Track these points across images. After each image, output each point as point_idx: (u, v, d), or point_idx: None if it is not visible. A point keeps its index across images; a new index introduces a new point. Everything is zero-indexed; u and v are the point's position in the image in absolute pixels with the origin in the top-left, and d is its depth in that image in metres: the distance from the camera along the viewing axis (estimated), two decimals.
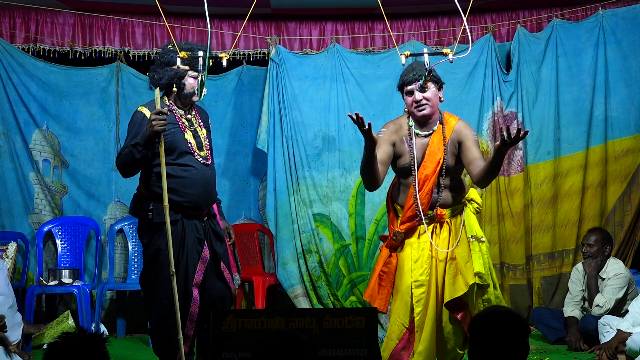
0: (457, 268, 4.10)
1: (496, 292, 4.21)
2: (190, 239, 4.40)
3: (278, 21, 6.62)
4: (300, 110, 6.45)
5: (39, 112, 6.40)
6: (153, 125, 4.20)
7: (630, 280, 5.70)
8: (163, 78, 4.40)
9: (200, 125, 4.53)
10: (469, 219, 4.19)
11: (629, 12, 6.43)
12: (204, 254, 4.43)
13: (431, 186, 4.12)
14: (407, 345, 4.14)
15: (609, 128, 6.45)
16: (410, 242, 4.19)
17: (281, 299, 6.58)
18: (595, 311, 5.59)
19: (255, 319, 3.85)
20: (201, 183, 4.41)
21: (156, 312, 4.42)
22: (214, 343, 3.81)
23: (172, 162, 4.37)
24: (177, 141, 4.38)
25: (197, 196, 4.40)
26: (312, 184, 6.45)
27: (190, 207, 4.41)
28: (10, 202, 6.37)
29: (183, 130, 4.42)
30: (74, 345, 2.48)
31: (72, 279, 6.10)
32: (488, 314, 2.71)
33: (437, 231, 4.18)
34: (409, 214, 4.17)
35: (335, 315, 3.87)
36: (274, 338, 2.63)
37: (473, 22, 6.65)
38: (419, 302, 4.11)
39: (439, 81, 4.21)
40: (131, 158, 4.32)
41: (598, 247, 5.74)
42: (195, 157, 4.42)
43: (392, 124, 4.27)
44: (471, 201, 4.26)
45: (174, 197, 4.35)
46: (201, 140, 4.48)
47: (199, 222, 4.45)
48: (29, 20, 6.41)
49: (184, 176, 4.38)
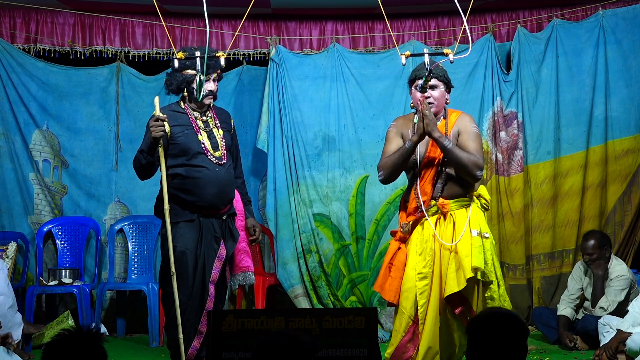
0: (458, 262, 4.12)
1: (500, 290, 4.21)
2: (207, 237, 4.50)
3: (278, 21, 6.62)
4: (300, 110, 6.45)
5: (39, 112, 6.40)
6: (151, 132, 4.34)
7: (632, 281, 5.69)
8: (172, 84, 4.57)
9: (217, 126, 4.62)
10: (475, 215, 4.22)
11: (629, 12, 6.43)
12: (220, 252, 4.53)
13: (433, 175, 4.18)
14: (413, 337, 4.17)
15: (609, 128, 6.44)
16: (416, 235, 4.24)
17: (281, 299, 6.58)
18: (598, 312, 5.58)
19: (255, 319, 3.85)
20: (215, 183, 4.49)
21: (173, 309, 4.46)
22: (214, 343, 3.81)
23: (186, 163, 4.49)
24: (190, 142, 4.49)
25: (212, 196, 4.48)
26: (312, 184, 6.45)
27: (205, 207, 4.50)
28: (10, 202, 6.37)
29: (197, 131, 4.53)
30: (71, 343, 2.49)
31: (72, 279, 6.10)
32: (487, 315, 2.71)
33: (441, 224, 4.21)
34: (414, 205, 4.23)
35: (335, 315, 3.87)
36: (274, 339, 2.63)
37: (473, 22, 6.65)
38: (423, 294, 4.15)
39: (449, 84, 4.32)
40: (139, 164, 4.50)
41: (598, 253, 5.68)
42: (209, 158, 4.51)
43: (402, 119, 4.43)
44: (479, 197, 4.29)
45: (188, 197, 4.47)
46: (217, 141, 4.58)
47: (216, 221, 4.54)
48: (29, 20, 6.42)
49: (197, 177, 4.47)
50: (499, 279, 4.22)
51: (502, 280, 4.27)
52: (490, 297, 4.18)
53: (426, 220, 4.21)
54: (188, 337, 4.42)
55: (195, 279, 4.46)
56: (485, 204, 4.32)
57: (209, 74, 4.47)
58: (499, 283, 4.22)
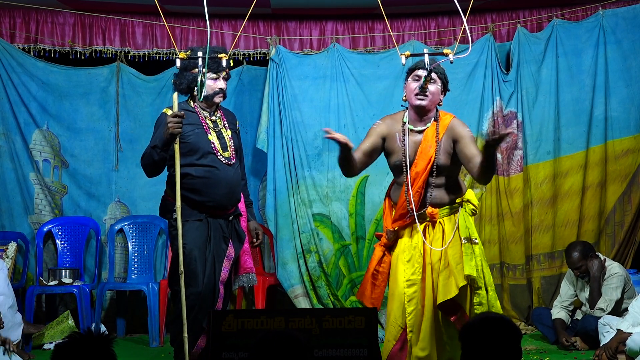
0: (450, 270, 4.06)
1: (489, 295, 4.13)
2: (216, 237, 4.49)
3: (278, 21, 6.62)
4: (300, 110, 6.45)
5: (39, 112, 6.40)
6: (169, 128, 4.27)
7: (625, 278, 5.68)
8: (183, 83, 4.53)
9: (225, 126, 4.62)
10: (463, 221, 4.13)
11: (629, 12, 6.43)
12: (229, 252, 4.53)
13: (422, 184, 4.09)
14: (403, 346, 4.12)
15: (609, 128, 6.45)
16: (403, 242, 4.18)
17: (281, 299, 6.58)
18: (597, 313, 5.58)
19: (255, 319, 3.85)
20: (224, 183, 4.48)
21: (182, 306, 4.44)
22: (214, 343, 3.81)
23: (196, 163, 4.46)
24: (200, 142, 4.47)
25: (221, 196, 4.47)
26: (312, 184, 6.45)
27: (214, 207, 4.48)
28: (10, 202, 6.37)
29: (207, 131, 4.51)
30: (81, 346, 2.49)
31: (72, 279, 6.10)
32: (479, 321, 2.70)
33: (430, 231, 4.15)
34: (401, 212, 4.16)
35: (335, 315, 3.87)
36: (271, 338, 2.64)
37: (473, 22, 6.65)
38: (411, 302, 4.10)
39: (446, 85, 4.22)
40: (151, 160, 4.40)
41: (584, 263, 5.67)
42: (218, 158, 4.50)
43: (389, 118, 4.28)
44: (467, 202, 4.20)
45: (197, 197, 4.44)
46: (225, 141, 4.56)
47: (224, 221, 4.53)
48: (29, 20, 6.42)
49: (206, 176, 4.45)
50: (487, 284, 4.14)
51: (491, 285, 4.18)
52: (479, 303, 4.10)
53: (415, 226, 4.13)
54: (194, 335, 4.37)
55: (205, 278, 4.44)
56: (473, 209, 4.23)
57: (219, 72, 4.46)
58: (488, 288, 4.14)
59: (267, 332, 2.72)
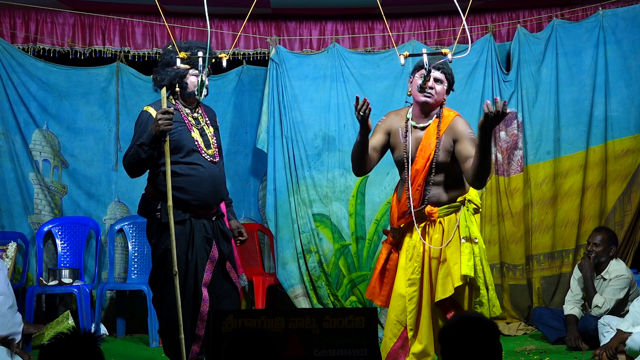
0: (447, 270, 4.07)
1: (489, 294, 4.14)
2: (199, 238, 4.39)
3: (278, 21, 6.62)
4: (300, 110, 6.45)
5: (39, 112, 6.40)
6: (159, 125, 4.21)
7: (632, 281, 5.70)
8: (165, 79, 4.40)
9: (207, 123, 4.54)
10: (464, 220, 4.12)
11: (629, 12, 6.43)
12: (212, 254, 4.42)
13: (422, 181, 4.09)
14: (404, 344, 4.14)
15: (609, 128, 6.45)
16: (406, 240, 4.20)
17: (281, 299, 6.58)
18: (595, 312, 5.59)
19: (255, 319, 3.84)
20: (209, 181, 4.40)
21: (167, 313, 4.40)
22: (214, 343, 3.81)
23: (180, 161, 4.37)
24: (184, 139, 4.38)
25: (206, 194, 4.39)
26: (312, 184, 6.45)
27: (198, 206, 4.40)
28: (10, 202, 6.37)
29: (190, 128, 4.42)
30: (68, 346, 2.49)
31: (72, 279, 6.10)
32: (455, 322, 2.70)
33: (429, 230, 4.16)
34: (403, 209, 4.17)
35: (335, 315, 3.86)
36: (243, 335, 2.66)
37: (473, 22, 6.65)
38: (412, 300, 4.12)
39: (451, 85, 4.22)
40: (137, 158, 4.32)
41: (604, 247, 5.71)
42: (203, 155, 4.42)
43: (394, 114, 4.31)
44: (469, 201, 4.19)
45: (182, 196, 4.35)
46: (208, 139, 4.48)
47: (207, 222, 4.44)
48: (29, 20, 6.42)
49: (191, 174, 4.37)
50: (488, 284, 4.14)
51: (491, 285, 4.18)
52: (479, 302, 4.12)
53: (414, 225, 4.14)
54: (186, 342, 4.30)
55: (187, 281, 4.34)
56: (475, 208, 4.21)
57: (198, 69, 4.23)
58: (488, 288, 4.14)
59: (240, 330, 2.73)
